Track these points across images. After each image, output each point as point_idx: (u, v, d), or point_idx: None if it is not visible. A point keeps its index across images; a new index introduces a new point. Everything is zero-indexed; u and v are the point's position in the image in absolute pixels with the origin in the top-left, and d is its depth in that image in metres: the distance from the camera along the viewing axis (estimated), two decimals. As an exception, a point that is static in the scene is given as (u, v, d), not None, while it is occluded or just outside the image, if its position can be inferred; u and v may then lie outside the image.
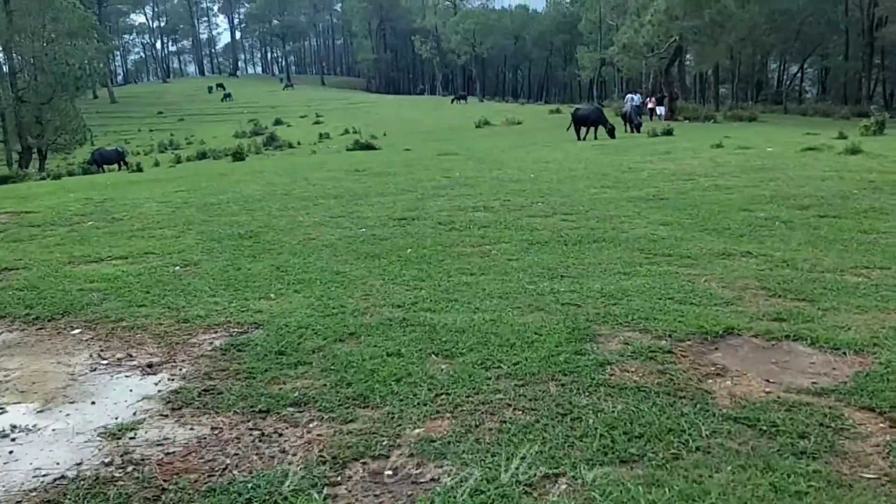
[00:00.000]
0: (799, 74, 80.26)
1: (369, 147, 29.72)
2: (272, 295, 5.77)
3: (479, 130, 44.87)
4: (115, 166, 34.93)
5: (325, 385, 3.92)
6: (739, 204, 9.05)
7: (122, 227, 9.09)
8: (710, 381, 3.80)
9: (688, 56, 54.93)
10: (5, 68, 48.26)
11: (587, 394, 3.66)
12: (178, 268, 6.84)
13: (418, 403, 3.64)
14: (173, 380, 4.18)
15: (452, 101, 76.00)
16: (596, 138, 26.91)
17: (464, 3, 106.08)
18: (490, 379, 3.90)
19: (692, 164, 13.26)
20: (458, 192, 10.89)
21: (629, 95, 45.05)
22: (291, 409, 3.66)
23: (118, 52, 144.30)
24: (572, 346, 4.31)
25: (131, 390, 4.08)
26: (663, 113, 43.55)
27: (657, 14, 40.24)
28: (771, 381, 3.78)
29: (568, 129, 28.00)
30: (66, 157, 47.93)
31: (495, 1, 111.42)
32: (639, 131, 29.14)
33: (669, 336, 4.43)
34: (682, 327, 4.55)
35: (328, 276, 6.28)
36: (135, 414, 3.75)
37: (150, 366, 4.47)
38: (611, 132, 26.34)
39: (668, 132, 25.55)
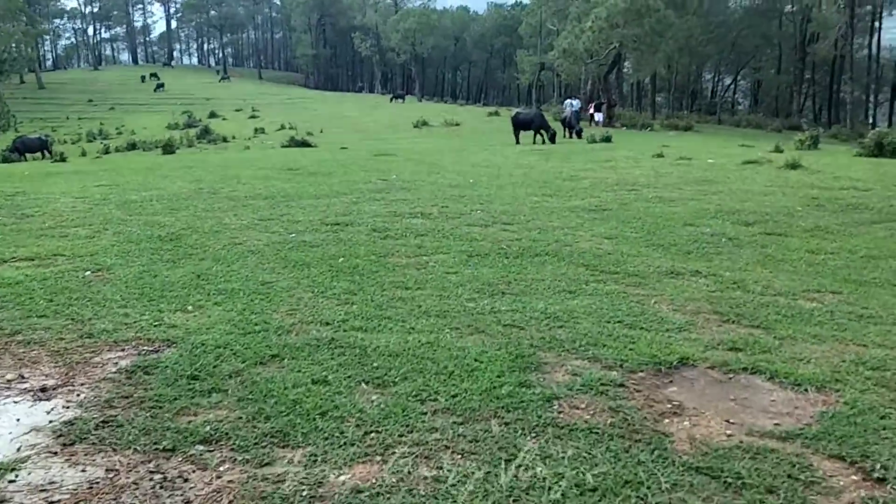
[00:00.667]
0: (732, 86, 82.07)
1: (305, 144, 29.09)
2: (190, 307, 5.27)
3: (417, 131, 44.48)
4: (39, 155, 33.44)
5: (240, 418, 3.48)
6: (684, 218, 8.84)
7: (31, 224, 8.41)
8: (667, 420, 3.48)
9: (626, 64, 55.54)
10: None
11: (534, 435, 3.29)
12: (88, 273, 6.28)
13: (345, 443, 3.23)
14: (69, 407, 3.69)
15: (391, 99, 75.55)
16: (534, 143, 26.80)
17: (404, 2, 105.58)
18: (425, 414, 3.51)
19: (634, 174, 13.08)
20: (394, 197, 10.48)
21: (568, 101, 45.17)
22: (201, 448, 3.22)
23: (47, 37, 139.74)
24: (516, 375, 3.95)
25: (19, 420, 3.58)
26: (601, 119, 43.81)
27: (598, 21, 40.45)
28: (732, 421, 3.48)
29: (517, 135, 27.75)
30: (-12, 143, 45.91)
31: (436, 1, 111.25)
32: (580, 137, 29.10)
33: (620, 366, 4.11)
34: (633, 356, 4.23)
35: (252, 286, 5.80)
36: (19, 450, 3.26)
37: (43, 390, 3.96)
38: (552, 137, 26.23)
39: (607, 139, 25.54)
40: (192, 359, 4.23)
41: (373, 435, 3.31)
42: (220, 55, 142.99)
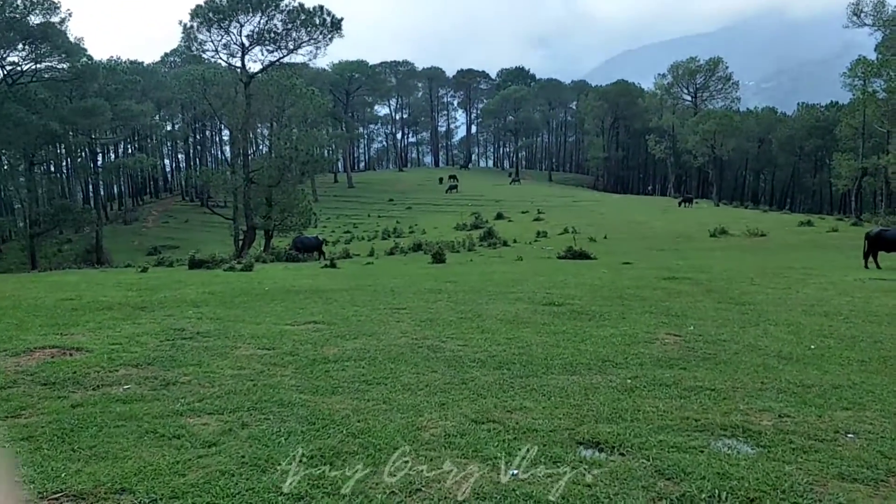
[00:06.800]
0: None
1: (584, 256, 26.10)
2: None
3: (713, 241, 39.70)
4: (315, 254, 34.02)
5: None
6: None
7: (159, 403, 5.85)
8: None
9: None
10: (240, 151, 50.05)
11: None
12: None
13: None
14: None
15: (680, 204, 70.59)
16: (867, 267, 21.47)
17: (705, 104, 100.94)
18: None
19: None
20: (693, 379, 6.77)
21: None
22: None
23: (363, 140, 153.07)
24: None
25: None
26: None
27: (948, 119, 33.62)
28: None
29: (870, 257, 22.33)
30: (297, 237, 48.78)
31: (740, 102, 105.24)
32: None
33: None
34: None
35: None
36: None
37: None
38: None
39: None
40: None
41: None
42: (514, 158, 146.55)
